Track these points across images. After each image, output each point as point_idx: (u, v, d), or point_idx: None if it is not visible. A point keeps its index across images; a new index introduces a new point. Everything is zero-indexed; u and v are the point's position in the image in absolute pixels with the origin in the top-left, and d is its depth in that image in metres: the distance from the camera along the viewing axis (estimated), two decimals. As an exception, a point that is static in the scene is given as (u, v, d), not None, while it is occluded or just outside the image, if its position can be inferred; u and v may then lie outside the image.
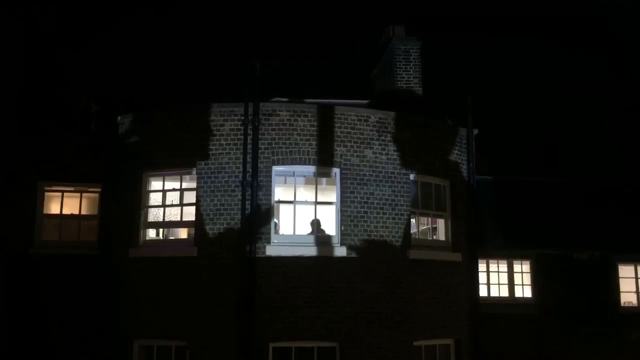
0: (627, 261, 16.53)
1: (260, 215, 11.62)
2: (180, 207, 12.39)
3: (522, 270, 16.20)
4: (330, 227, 12.37)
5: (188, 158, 12.08)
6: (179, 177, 12.48)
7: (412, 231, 12.76)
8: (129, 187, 12.53)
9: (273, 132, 11.97)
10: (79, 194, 13.85)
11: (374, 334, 11.67)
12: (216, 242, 11.67)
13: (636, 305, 16.41)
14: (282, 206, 12.71)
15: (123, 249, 12.31)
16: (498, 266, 16.32)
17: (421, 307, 12.17)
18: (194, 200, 12.02)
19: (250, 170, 11.68)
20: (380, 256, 11.95)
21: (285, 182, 12.39)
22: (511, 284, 16.09)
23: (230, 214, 11.71)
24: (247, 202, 11.60)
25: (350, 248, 11.80)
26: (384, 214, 12.13)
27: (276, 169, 11.96)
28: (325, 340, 11.51)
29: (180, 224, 12.61)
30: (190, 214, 12.13)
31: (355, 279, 11.72)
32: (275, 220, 12.33)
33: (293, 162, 11.97)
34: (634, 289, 16.56)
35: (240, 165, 11.78)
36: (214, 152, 11.99)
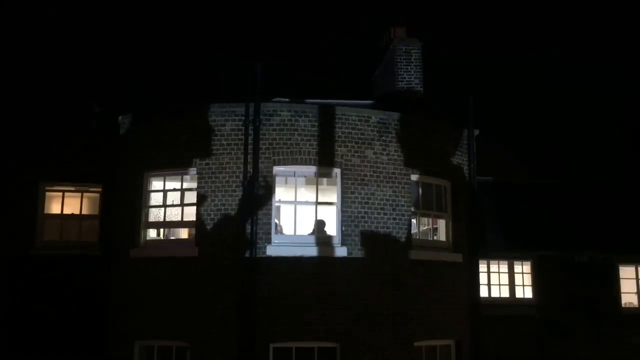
0: (627, 262, 16.56)
1: (261, 216, 11.61)
2: (181, 207, 12.38)
3: (523, 271, 16.23)
4: (331, 227, 12.36)
5: (189, 158, 12.07)
6: (179, 177, 12.46)
7: (412, 232, 12.75)
8: (129, 187, 12.53)
9: (274, 133, 11.97)
10: (79, 194, 13.87)
11: (375, 335, 11.65)
12: (217, 243, 11.66)
13: (637, 306, 16.44)
14: (282, 206, 12.71)
15: (124, 249, 12.30)
16: (499, 267, 16.35)
17: (422, 307, 12.15)
18: (194, 200, 12.01)
19: (251, 170, 11.68)
20: (381, 257, 11.93)
21: (286, 183, 12.38)
22: (512, 285, 16.11)
23: (231, 214, 11.71)
24: (247, 202, 11.60)
25: (351, 248, 11.80)
26: (385, 214, 12.12)
27: (277, 169, 11.95)
28: (326, 341, 11.49)
29: (181, 224, 12.60)
30: (191, 214, 12.12)
31: (356, 279, 11.71)
32: (276, 220, 12.32)
33: (294, 162, 11.97)
34: (635, 290, 16.57)
35: (241, 166, 11.78)
36: (214, 152, 11.99)
